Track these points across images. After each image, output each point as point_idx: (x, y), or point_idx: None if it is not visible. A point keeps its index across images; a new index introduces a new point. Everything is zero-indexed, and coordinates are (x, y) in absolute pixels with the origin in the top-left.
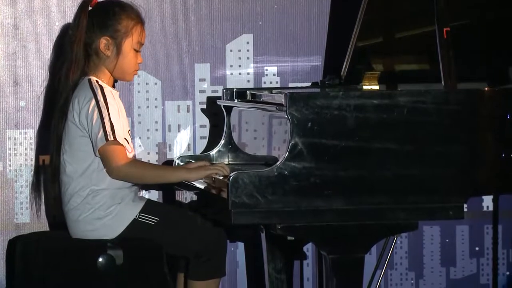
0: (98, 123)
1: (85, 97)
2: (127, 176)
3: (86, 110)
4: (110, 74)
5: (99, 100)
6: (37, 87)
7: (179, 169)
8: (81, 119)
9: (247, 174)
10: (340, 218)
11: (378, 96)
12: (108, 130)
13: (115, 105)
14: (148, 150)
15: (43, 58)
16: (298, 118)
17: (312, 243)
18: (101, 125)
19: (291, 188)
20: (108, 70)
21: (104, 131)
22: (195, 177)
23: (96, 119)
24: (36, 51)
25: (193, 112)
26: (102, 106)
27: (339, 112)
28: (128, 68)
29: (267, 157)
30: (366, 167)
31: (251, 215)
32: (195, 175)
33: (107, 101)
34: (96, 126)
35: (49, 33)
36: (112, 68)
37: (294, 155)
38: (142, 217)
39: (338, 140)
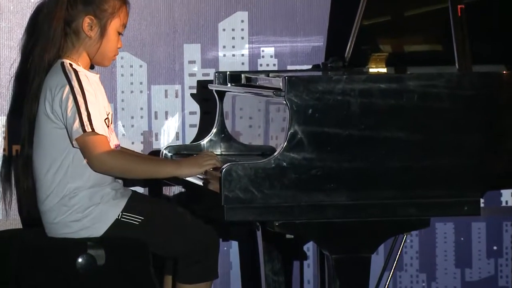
0: (74, 112)
1: (57, 83)
2: (113, 169)
3: (59, 98)
4: (89, 59)
5: (74, 86)
6: (9, 69)
7: (168, 164)
8: (54, 108)
9: (241, 166)
10: (344, 214)
11: (386, 80)
12: (85, 120)
13: (92, 91)
14: (132, 139)
15: (16, 38)
16: (298, 104)
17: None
18: (76, 114)
19: (290, 181)
20: (88, 53)
21: (80, 121)
22: (186, 174)
23: (71, 107)
24: (9, 31)
25: (182, 98)
26: (78, 93)
27: (342, 97)
28: (109, 53)
29: (264, 147)
30: (373, 158)
31: (246, 211)
32: (186, 171)
33: (83, 86)
34: (71, 115)
35: (23, 10)
36: (93, 52)
37: (293, 145)
38: (125, 216)
39: (342, 129)
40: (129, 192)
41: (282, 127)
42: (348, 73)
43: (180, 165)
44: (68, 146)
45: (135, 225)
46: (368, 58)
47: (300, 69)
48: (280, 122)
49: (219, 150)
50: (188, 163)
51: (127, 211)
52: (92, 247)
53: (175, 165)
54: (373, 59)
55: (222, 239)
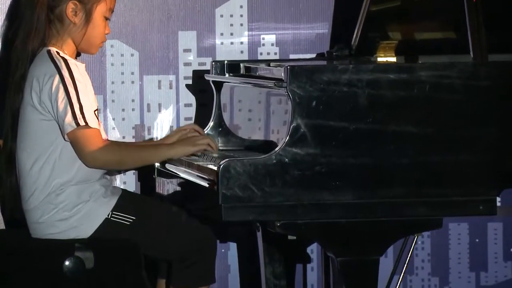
0: (65, 104)
1: (45, 73)
2: (106, 164)
3: (48, 88)
4: (75, 46)
5: (64, 75)
6: None
7: (160, 147)
8: (42, 100)
9: (240, 162)
10: (350, 214)
11: (395, 70)
12: (77, 112)
13: (83, 81)
14: (123, 133)
15: None
16: (301, 96)
17: (317, 244)
18: (68, 107)
19: (292, 179)
20: (74, 41)
21: (73, 114)
22: (180, 154)
23: (62, 99)
24: None
25: (176, 89)
26: (69, 83)
27: (349, 88)
28: (96, 40)
29: (264, 142)
30: (381, 153)
31: (245, 211)
32: (179, 151)
33: (74, 76)
34: (62, 108)
35: None
36: (79, 39)
37: (296, 140)
38: (115, 216)
39: (348, 122)
40: (119, 190)
41: (284, 121)
42: (355, 62)
43: (173, 146)
44: (57, 139)
45: (126, 225)
46: (376, 46)
47: (303, 58)
48: (282, 115)
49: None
50: (181, 142)
51: (117, 210)
52: (80, 249)
53: (168, 146)
54: (381, 47)
55: (220, 240)
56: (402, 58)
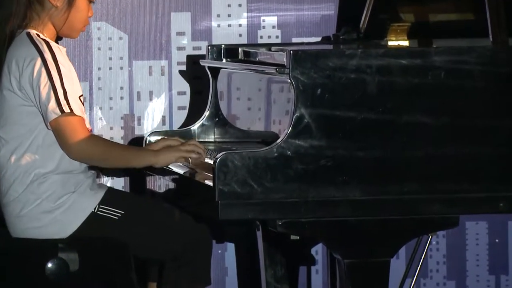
0: (48, 89)
1: (26, 56)
2: (90, 157)
3: (29, 72)
4: (56, 31)
5: (47, 58)
6: None
7: (144, 152)
8: (22, 85)
9: (238, 155)
10: (359, 212)
11: (408, 55)
12: (61, 98)
13: (67, 65)
14: (111, 124)
15: None
16: (305, 83)
17: (323, 244)
18: (51, 92)
19: (295, 173)
20: (55, 25)
21: (56, 100)
22: (163, 162)
23: (45, 84)
24: None
25: (169, 75)
26: (51, 67)
27: (357, 75)
28: (78, 24)
29: (265, 134)
30: (392, 146)
31: (244, 208)
32: (163, 159)
33: (57, 59)
34: (45, 93)
35: None
36: (61, 23)
37: (300, 131)
38: (102, 209)
39: (356, 112)
40: (106, 186)
41: (286, 110)
42: (364, 47)
43: (157, 153)
44: (39, 125)
45: (114, 220)
46: (387, 29)
47: (307, 42)
48: (284, 104)
49: (212, 136)
50: (166, 149)
51: (104, 203)
52: (64, 249)
53: (153, 153)
54: (392, 30)
55: (216, 240)
56: (415, 42)
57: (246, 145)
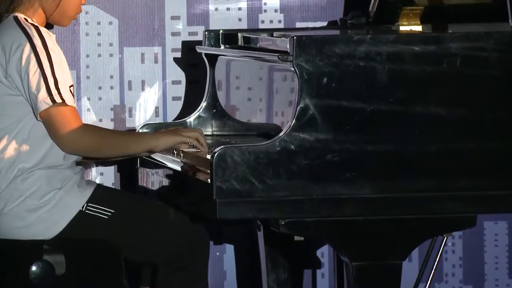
0: (38, 77)
1: (13, 41)
2: (85, 149)
3: (17, 59)
4: (46, 17)
5: (36, 44)
6: None
7: (142, 136)
8: (9, 73)
9: (238, 150)
10: (368, 211)
11: (421, 41)
12: (52, 87)
13: (57, 52)
14: (99, 116)
15: None
16: (310, 72)
17: (329, 246)
18: (42, 81)
19: (299, 169)
20: (45, 11)
21: (47, 89)
22: (164, 145)
23: (35, 71)
24: None
25: (162, 63)
26: (41, 53)
27: (366, 63)
28: (70, 12)
29: (267, 126)
30: (404, 139)
31: (243, 207)
32: (163, 142)
33: (48, 45)
34: (35, 82)
35: None
36: (52, 9)
37: (304, 123)
38: (91, 208)
39: (365, 103)
40: (95, 183)
41: (289, 101)
42: (373, 32)
43: (156, 136)
44: (25, 117)
45: (104, 219)
46: (398, 12)
47: (312, 27)
48: (287, 94)
49: (210, 129)
50: (165, 132)
51: (93, 201)
52: (49, 251)
53: (152, 136)
54: (404, 14)
55: (214, 242)
56: (428, 27)
57: (246, 139)
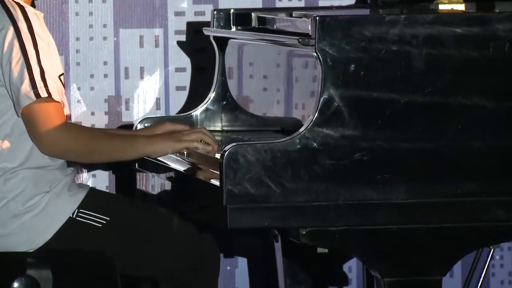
0: (21, 67)
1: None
2: (68, 152)
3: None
4: None
5: (21, 28)
6: None
7: (136, 140)
8: None
9: (252, 148)
10: (403, 218)
11: (463, 22)
12: (37, 79)
13: (45, 37)
14: (92, 109)
15: None
16: (334, 58)
17: (358, 259)
18: (25, 71)
19: (323, 170)
20: None
21: (31, 81)
22: (161, 152)
23: (18, 60)
24: None
25: (164, 48)
26: (26, 39)
27: (400, 47)
28: None
29: (285, 120)
30: (444, 135)
31: (258, 214)
32: (161, 148)
33: (34, 30)
34: (17, 72)
35: None
36: None
37: (328, 117)
38: (82, 215)
39: (399, 93)
40: (87, 186)
41: (311, 91)
42: (408, 12)
43: (152, 141)
44: (8, 111)
45: (97, 228)
46: None
47: (337, 6)
48: (309, 84)
49: (219, 124)
50: (163, 136)
51: (85, 207)
52: (34, 265)
53: (148, 140)
54: None
55: (224, 254)
56: (472, 6)
57: (261, 135)
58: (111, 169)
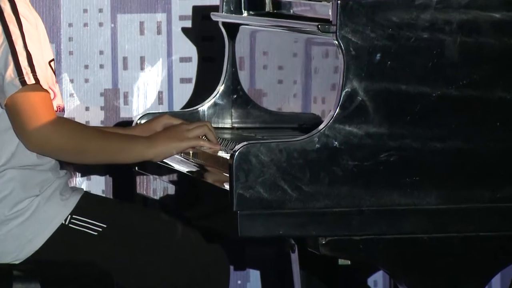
0: (5, 51)
1: None
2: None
3: None
4: None
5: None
6: None
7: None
8: None
9: (265, 147)
10: (434, 226)
11: (502, 6)
12: (24, 64)
13: (32, 19)
14: (86, 103)
15: None
16: (358, 46)
17: (384, 272)
18: (10, 56)
19: (345, 172)
20: None
21: (16, 67)
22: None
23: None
24: None
25: (167, 35)
26: (10, 20)
27: (431, 34)
28: None
29: (302, 116)
30: (482, 133)
31: (272, 221)
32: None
33: (18, 10)
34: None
35: None
36: None
37: (351, 113)
38: (76, 221)
39: (430, 86)
40: (81, 190)
41: (332, 83)
42: None
43: (153, 142)
44: None
45: (92, 236)
46: None
47: None
48: (329, 75)
49: (229, 120)
50: (165, 137)
51: (79, 213)
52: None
53: (148, 143)
54: None
55: (235, 267)
56: None
57: (276, 133)
58: (108, 171)
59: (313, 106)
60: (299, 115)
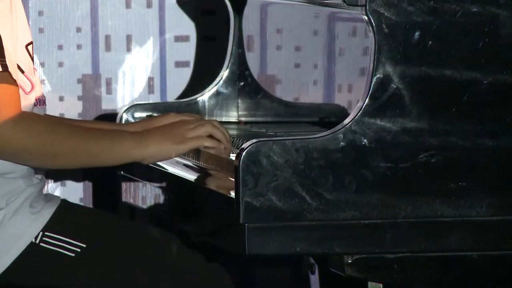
0: None
1: None
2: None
3: None
4: None
5: None
6: None
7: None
8: None
9: (279, 146)
10: (485, 242)
11: None
12: None
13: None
14: (60, 92)
15: None
16: (392, 23)
17: None
18: None
19: (375, 176)
20: None
21: None
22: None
23: None
24: None
25: (159, 8)
26: None
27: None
28: None
29: (324, 108)
30: None
31: (287, 236)
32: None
33: None
34: None
35: None
36: None
37: (383, 104)
38: (48, 239)
39: (480, 72)
40: (58, 199)
41: (360, 68)
42: None
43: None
44: None
45: (68, 258)
46: None
47: None
48: (357, 58)
49: (235, 113)
50: (159, 135)
51: (53, 229)
52: None
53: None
54: None
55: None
56: None
57: (292, 128)
58: (87, 176)
59: (337, 96)
60: (320, 106)
